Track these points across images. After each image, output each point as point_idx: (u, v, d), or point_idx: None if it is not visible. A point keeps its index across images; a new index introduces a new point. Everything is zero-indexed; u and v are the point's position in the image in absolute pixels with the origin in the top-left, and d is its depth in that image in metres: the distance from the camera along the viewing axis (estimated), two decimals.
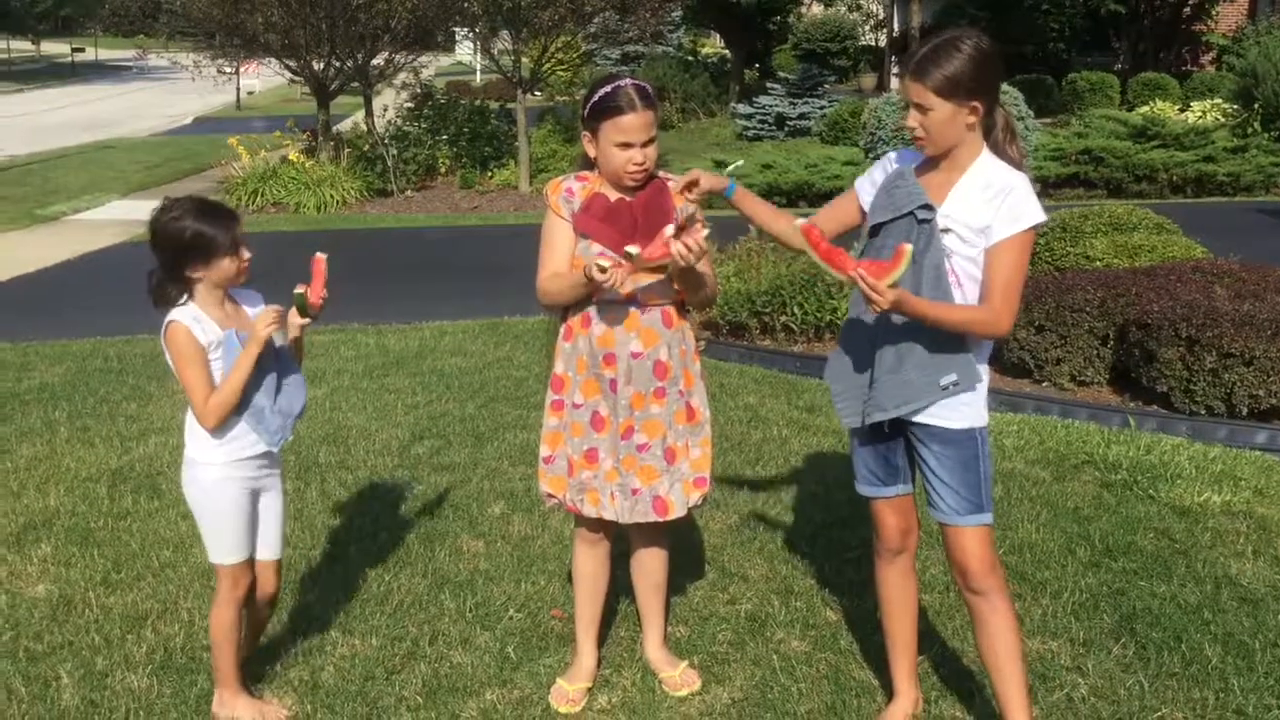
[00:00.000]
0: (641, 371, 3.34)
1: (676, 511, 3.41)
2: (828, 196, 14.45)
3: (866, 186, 3.22)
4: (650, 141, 3.25)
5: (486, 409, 6.41)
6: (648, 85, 3.29)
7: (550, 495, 3.50)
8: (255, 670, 3.66)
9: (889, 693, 3.43)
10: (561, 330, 3.45)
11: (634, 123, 3.20)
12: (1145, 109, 18.66)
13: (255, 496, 3.38)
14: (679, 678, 3.59)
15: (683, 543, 4.55)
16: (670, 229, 3.09)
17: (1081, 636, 3.82)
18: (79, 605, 4.15)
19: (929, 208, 2.97)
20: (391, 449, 5.76)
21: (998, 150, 3.02)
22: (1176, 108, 19.37)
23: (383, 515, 4.93)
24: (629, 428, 3.36)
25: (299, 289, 3.26)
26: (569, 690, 3.53)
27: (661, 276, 3.25)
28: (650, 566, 3.62)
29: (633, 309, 3.32)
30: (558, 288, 3.33)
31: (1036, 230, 2.96)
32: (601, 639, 3.73)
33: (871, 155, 13.17)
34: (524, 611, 4.07)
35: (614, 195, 3.32)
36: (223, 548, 3.34)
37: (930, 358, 3.00)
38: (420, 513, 4.95)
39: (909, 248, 2.84)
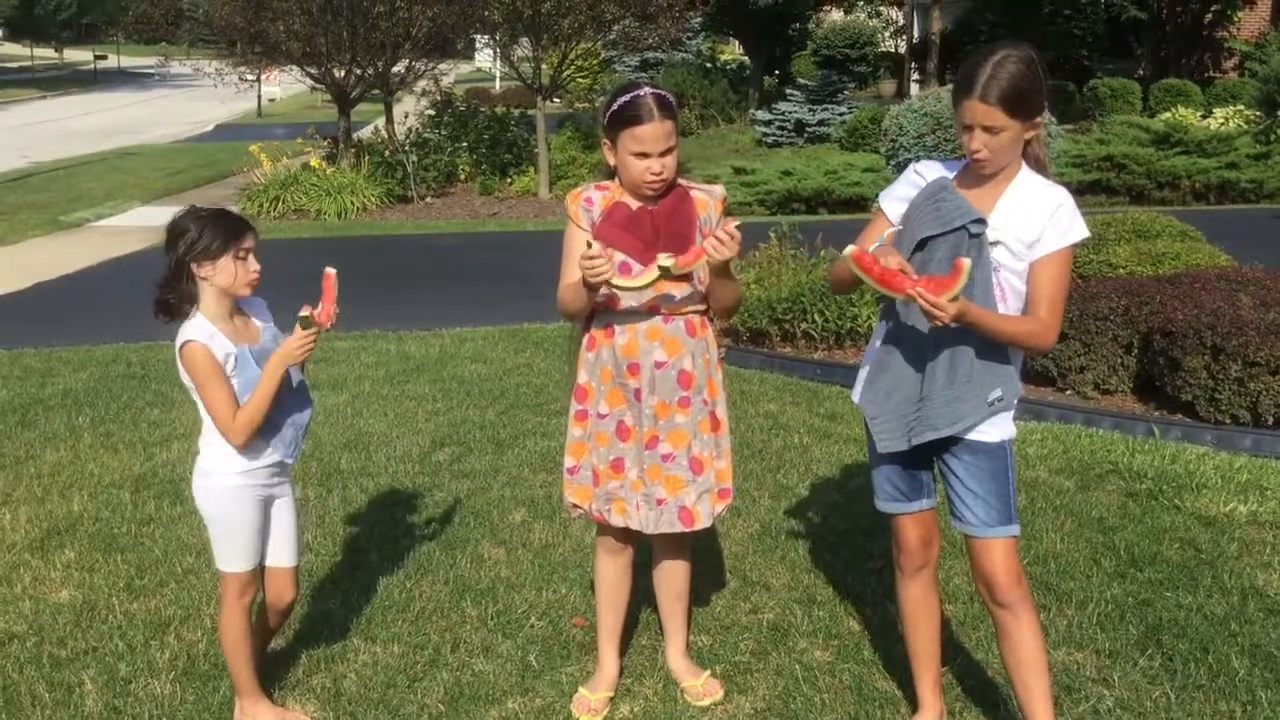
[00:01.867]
0: (665, 381, 3.33)
1: (702, 523, 3.40)
2: (847, 203, 14.43)
3: (893, 204, 3.17)
4: (669, 151, 3.22)
5: (507, 416, 6.41)
6: (668, 94, 3.26)
7: (575, 506, 3.50)
8: (278, 677, 3.67)
9: (912, 704, 3.41)
10: (585, 340, 3.44)
11: (651, 133, 3.18)
12: (1167, 115, 18.57)
13: (267, 505, 3.40)
14: (701, 687, 3.57)
15: (705, 551, 4.54)
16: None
17: (1107, 647, 3.79)
18: (102, 611, 4.16)
19: (981, 221, 2.96)
20: (412, 456, 5.77)
21: (1029, 154, 3.01)
22: (1198, 114, 19.26)
23: (404, 522, 4.93)
24: (653, 437, 3.36)
25: (304, 312, 3.21)
26: (591, 699, 3.52)
27: (648, 293, 3.25)
28: (673, 576, 3.61)
29: (656, 318, 3.32)
30: (574, 296, 3.31)
31: (1079, 246, 2.99)
32: (623, 648, 3.72)
33: (894, 162, 13.14)
34: (546, 619, 4.07)
35: (635, 204, 3.31)
36: (232, 556, 3.35)
37: (979, 374, 3.00)
38: (441, 520, 4.96)
39: (967, 262, 2.82)
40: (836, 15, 31.89)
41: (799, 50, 30.53)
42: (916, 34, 31.39)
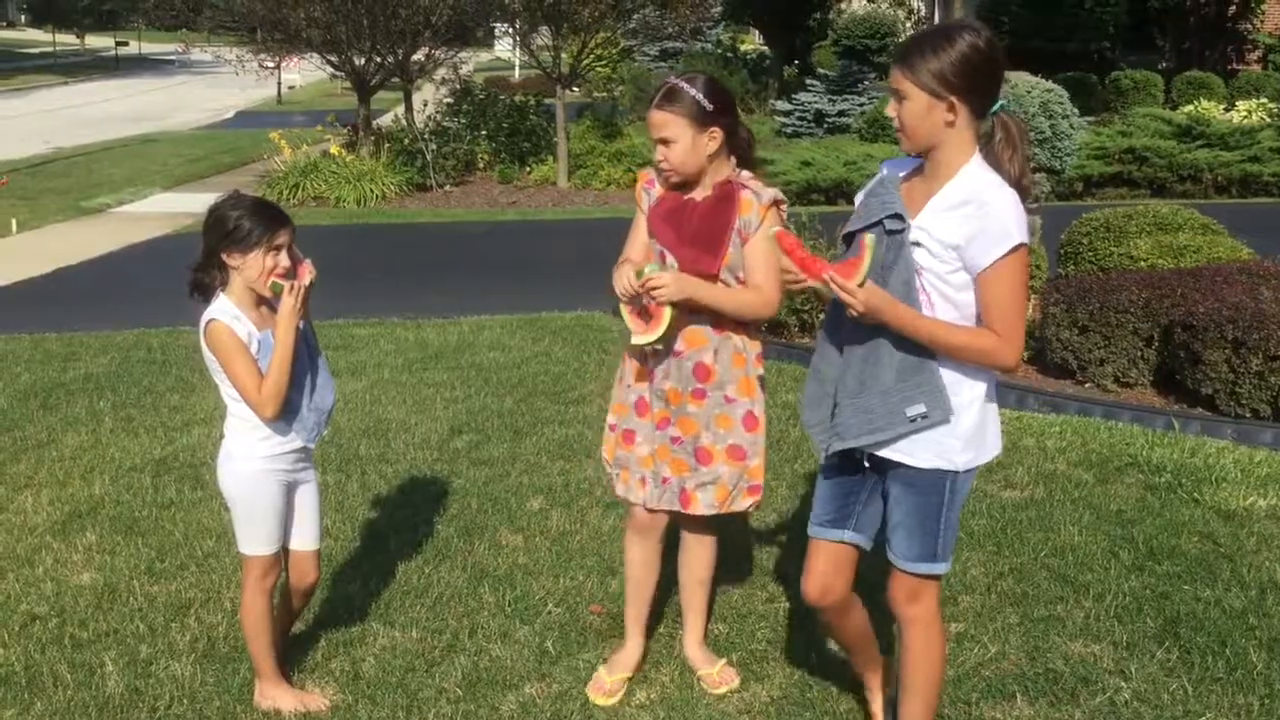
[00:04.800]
0: (680, 371, 3.35)
1: (698, 509, 3.40)
2: None
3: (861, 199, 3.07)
4: (666, 141, 3.25)
5: (525, 404, 6.42)
6: (683, 86, 3.26)
7: (608, 462, 3.58)
8: (297, 660, 3.70)
9: None
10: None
11: (650, 119, 3.29)
12: (1190, 108, 18.44)
13: (290, 490, 3.43)
14: (717, 675, 3.58)
15: (723, 541, 4.54)
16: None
17: (1125, 640, 3.78)
18: (123, 593, 4.20)
19: (899, 217, 2.78)
20: (431, 443, 5.79)
21: (996, 162, 2.78)
22: (1221, 107, 19.12)
23: (422, 508, 4.96)
24: (664, 419, 3.41)
25: (276, 280, 3.23)
26: (607, 681, 3.54)
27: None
28: (696, 560, 3.60)
29: (679, 309, 3.33)
30: (616, 275, 3.34)
31: (1026, 249, 2.71)
32: (649, 633, 3.73)
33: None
34: (563, 606, 4.08)
35: (686, 194, 3.35)
36: (255, 539, 3.37)
37: (895, 385, 2.78)
38: (459, 506, 4.97)
39: (871, 236, 2.71)
40: (858, 5, 31.78)
41: (819, 40, 30.44)
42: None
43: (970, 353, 2.76)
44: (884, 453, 2.86)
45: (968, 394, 2.82)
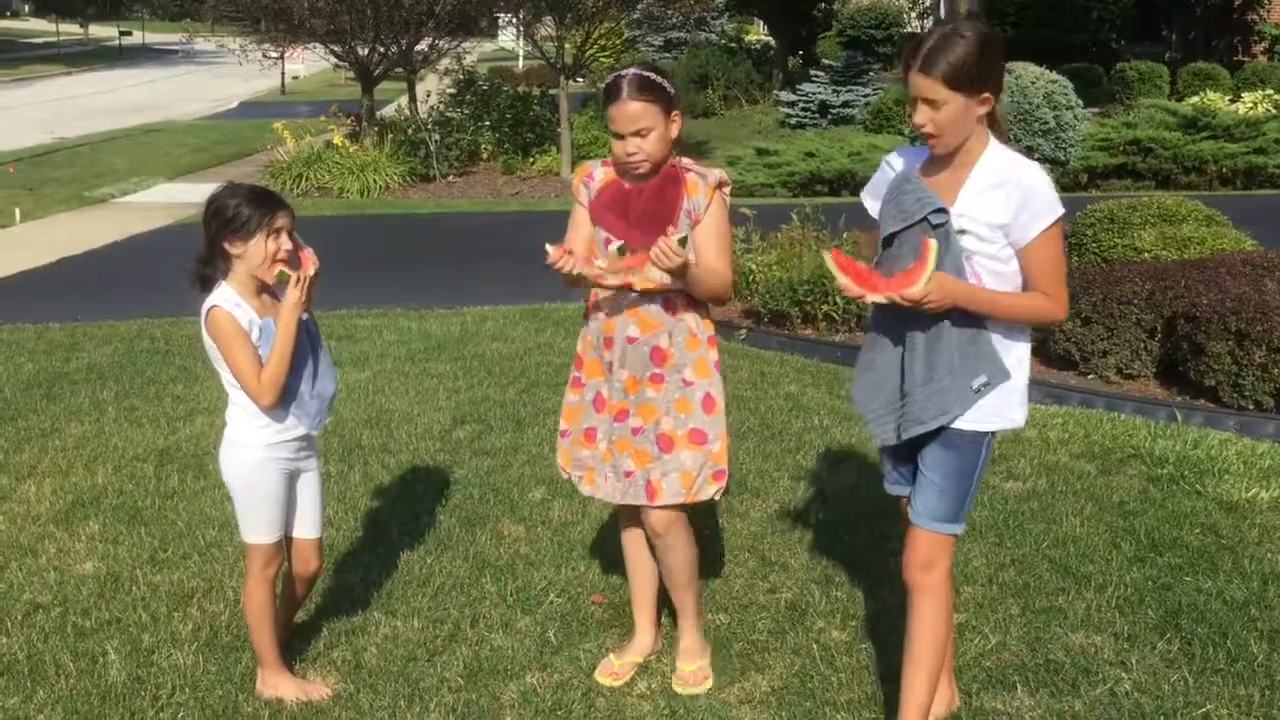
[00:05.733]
0: (636, 356, 3.35)
1: (663, 499, 3.34)
2: None
3: (869, 198, 3.13)
4: (640, 133, 3.22)
5: (527, 394, 6.43)
6: (650, 75, 3.25)
7: (564, 469, 3.56)
8: (299, 649, 3.71)
9: None
10: (586, 309, 3.50)
11: (618, 113, 3.22)
12: (1195, 99, 18.36)
13: (293, 479, 3.44)
14: (689, 673, 3.53)
15: (723, 531, 4.56)
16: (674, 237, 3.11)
17: (1126, 631, 3.78)
18: (126, 583, 4.21)
19: (943, 211, 2.88)
20: (433, 433, 5.80)
21: (1003, 140, 2.94)
22: (1227, 98, 19.04)
23: (424, 498, 4.96)
24: (623, 411, 3.38)
25: (281, 268, 3.25)
26: (615, 664, 3.57)
27: (632, 281, 3.26)
28: (667, 566, 3.52)
29: (633, 295, 3.33)
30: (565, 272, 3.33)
31: (1063, 219, 2.88)
32: (658, 618, 3.72)
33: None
34: (564, 596, 4.09)
35: (627, 184, 3.34)
36: (258, 528, 3.38)
37: (960, 363, 2.91)
38: (461, 497, 4.98)
39: (934, 242, 2.79)
40: None
41: (824, 31, 30.34)
42: (943, 15, 31.15)
43: (1027, 314, 2.94)
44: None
45: (1015, 354, 2.98)
